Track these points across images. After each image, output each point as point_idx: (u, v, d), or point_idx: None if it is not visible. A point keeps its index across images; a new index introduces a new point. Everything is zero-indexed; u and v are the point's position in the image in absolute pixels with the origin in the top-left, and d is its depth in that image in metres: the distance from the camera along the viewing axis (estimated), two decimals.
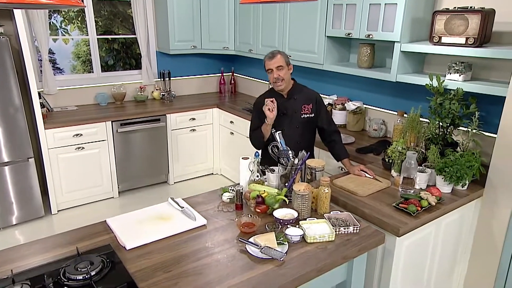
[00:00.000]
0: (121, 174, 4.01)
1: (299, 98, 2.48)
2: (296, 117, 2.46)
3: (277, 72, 2.33)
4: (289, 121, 2.44)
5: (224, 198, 2.01)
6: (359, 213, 2.01)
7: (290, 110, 2.45)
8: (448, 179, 2.15)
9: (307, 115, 2.48)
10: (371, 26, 2.84)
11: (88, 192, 3.83)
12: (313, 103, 2.50)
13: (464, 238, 2.40)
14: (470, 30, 2.32)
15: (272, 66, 2.33)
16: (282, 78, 2.35)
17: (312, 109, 2.50)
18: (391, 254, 1.91)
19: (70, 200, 3.73)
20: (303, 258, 1.55)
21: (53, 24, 4.70)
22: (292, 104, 2.46)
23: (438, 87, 2.42)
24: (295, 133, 2.45)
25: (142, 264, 1.46)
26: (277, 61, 2.33)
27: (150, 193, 4.19)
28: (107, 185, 3.93)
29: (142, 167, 4.15)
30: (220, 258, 1.53)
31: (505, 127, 2.17)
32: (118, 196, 4.05)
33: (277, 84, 2.37)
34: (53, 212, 3.65)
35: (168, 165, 4.32)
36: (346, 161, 2.48)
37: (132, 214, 1.81)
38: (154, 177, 4.34)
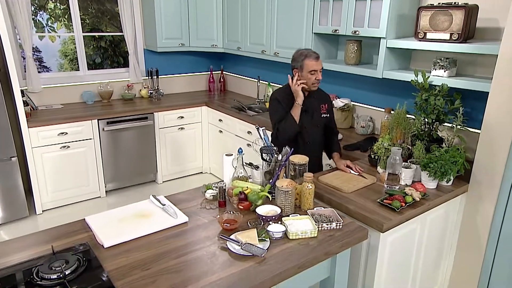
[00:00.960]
0: (108, 173, 3.96)
1: (317, 97, 2.47)
2: (317, 116, 2.46)
3: (319, 75, 2.31)
4: (310, 119, 2.42)
5: (207, 195, 1.98)
6: (344, 209, 2.00)
7: (311, 109, 2.43)
8: (432, 174, 2.15)
9: (325, 115, 2.50)
10: (358, 22, 2.83)
11: (74, 191, 3.77)
12: (328, 103, 2.52)
13: (449, 233, 2.41)
14: (454, 26, 2.32)
15: (317, 68, 2.29)
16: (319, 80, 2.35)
17: (327, 109, 2.51)
18: (376, 250, 1.91)
19: (55, 200, 3.68)
20: (284, 254, 1.53)
21: (39, 22, 4.64)
22: (312, 103, 2.44)
23: (423, 83, 2.42)
24: (317, 132, 2.46)
25: (119, 262, 1.43)
26: (320, 63, 2.32)
27: (138, 192, 4.14)
28: (94, 184, 3.88)
29: (130, 166, 4.10)
30: (200, 255, 1.51)
31: (488, 122, 2.18)
32: (105, 195, 4.00)
33: (314, 85, 2.35)
34: (38, 212, 3.59)
35: (156, 164, 4.28)
36: (336, 155, 2.47)
37: (112, 212, 1.78)
38: (142, 176, 4.29)
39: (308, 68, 2.29)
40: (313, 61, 2.29)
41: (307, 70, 2.30)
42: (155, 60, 4.60)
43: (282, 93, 2.47)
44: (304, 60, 2.30)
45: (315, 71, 2.30)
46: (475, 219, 2.34)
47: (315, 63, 2.29)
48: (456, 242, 2.46)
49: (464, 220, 2.40)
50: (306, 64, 2.29)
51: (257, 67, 4.47)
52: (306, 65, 2.30)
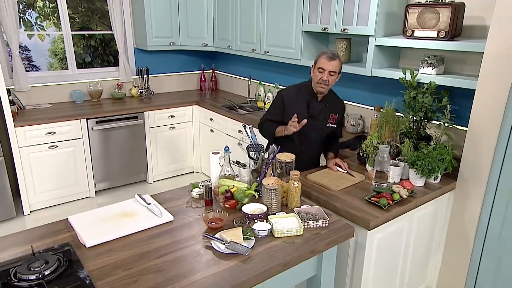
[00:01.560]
0: (98, 173, 3.92)
1: (330, 105, 2.40)
2: (322, 123, 2.39)
3: (328, 76, 2.23)
4: (315, 125, 2.35)
5: (194, 193, 1.96)
6: (331, 207, 1.99)
7: (319, 115, 2.37)
8: (420, 172, 2.15)
9: (331, 125, 2.43)
10: (346, 20, 2.82)
11: (63, 191, 3.73)
12: (339, 114, 2.46)
13: (438, 230, 2.41)
14: (441, 24, 2.32)
15: (326, 67, 2.21)
16: (328, 83, 2.25)
17: (336, 120, 2.44)
18: (363, 248, 1.90)
19: (43, 200, 3.64)
20: (269, 252, 1.52)
21: (28, 20, 4.58)
22: (322, 109, 2.37)
23: (411, 81, 2.42)
24: (317, 138, 2.40)
25: (101, 262, 1.41)
26: (333, 65, 2.21)
27: (129, 192, 4.11)
28: (83, 184, 3.85)
29: (120, 166, 4.07)
30: (184, 254, 1.49)
31: (475, 120, 2.19)
32: (95, 195, 3.97)
33: (320, 86, 2.26)
34: (26, 213, 3.54)
35: (147, 164, 4.25)
36: (329, 154, 2.46)
37: (96, 212, 1.76)
38: (133, 176, 4.26)
39: (319, 64, 2.23)
40: (325, 59, 2.21)
41: (318, 66, 2.24)
42: (146, 59, 4.56)
43: (293, 91, 2.39)
44: (319, 57, 2.24)
45: (323, 70, 2.22)
46: (462, 217, 2.35)
47: (326, 62, 2.20)
48: (445, 239, 2.47)
49: (452, 217, 2.40)
50: (319, 61, 2.23)
51: (248, 66, 4.46)
52: (318, 61, 2.24)
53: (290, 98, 2.37)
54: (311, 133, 2.34)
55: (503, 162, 2.12)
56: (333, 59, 2.21)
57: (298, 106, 2.35)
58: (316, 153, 2.52)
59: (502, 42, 1.99)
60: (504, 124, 2.07)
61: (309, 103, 2.36)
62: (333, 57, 2.21)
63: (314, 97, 2.37)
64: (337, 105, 2.46)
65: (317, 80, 2.27)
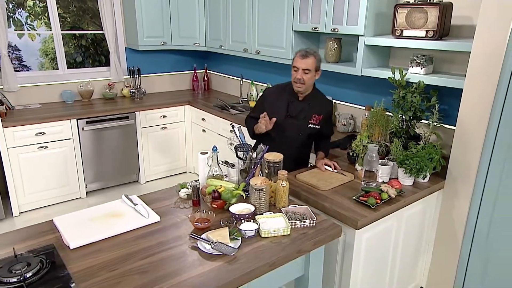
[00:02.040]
0: (89, 173, 3.90)
1: (313, 105, 2.37)
2: (302, 124, 2.36)
3: (302, 74, 2.21)
4: (294, 125, 2.34)
5: (182, 194, 1.95)
6: (320, 207, 1.99)
7: (299, 115, 2.35)
8: (408, 171, 2.15)
9: (313, 126, 2.39)
10: (336, 20, 2.83)
11: (53, 192, 3.70)
12: (324, 116, 2.41)
13: (427, 229, 2.42)
14: (429, 23, 2.33)
15: (299, 66, 2.20)
16: (304, 82, 2.24)
17: (320, 122, 2.41)
18: (351, 247, 1.90)
19: (33, 201, 3.60)
20: (256, 253, 1.51)
21: (18, 20, 4.54)
22: (303, 110, 2.35)
23: (400, 80, 2.43)
24: (296, 139, 2.37)
25: (85, 264, 1.40)
26: (307, 62, 2.20)
27: (120, 192, 4.03)
28: (74, 185, 3.82)
29: (112, 166, 4.04)
30: (170, 255, 1.48)
31: (462, 119, 2.20)
32: (86, 196, 3.94)
33: (296, 85, 2.26)
34: (15, 214, 3.51)
35: (138, 164, 4.22)
36: (319, 154, 2.45)
37: (82, 212, 1.74)
38: (124, 176, 4.24)
39: (293, 63, 2.24)
40: (298, 57, 2.21)
41: (292, 65, 2.25)
42: (137, 58, 4.54)
43: (276, 89, 2.41)
44: (295, 55, 2.26)
45: (297, 68, 2.22)
46: (451, 215, 2.35)
47: (299, 60, 2.20)
48: (434, 238, 2.48)
49: (441, 216, 2.41)
50: (294, 59, 2.24)
51: (241, 65, 4.45)
52: (294, 60, 2.25)
53: (271, 97, 2.38)
54: (289, 132, 2.32)
55: (490, 161, 2.13)
56: (306, 57, 2.20)
57: (278, 105, 2.35)
58: (297, 153, 2.45)
59: (488, 41, 2.00)
60: (491, 123, 2.08)
61: (290, 103, 2.36)
62: (306, 55, 2.20)
63: (295, 97, 2.37)
64: (321, 106, 2.43)
65: (293, 79, 2.27)
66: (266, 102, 2.38)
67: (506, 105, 2.01)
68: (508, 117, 2.02)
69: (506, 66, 1.97)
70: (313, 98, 2.39)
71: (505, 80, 1.99)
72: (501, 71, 1.99)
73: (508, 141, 2.04)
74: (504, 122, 2.03)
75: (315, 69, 2.26)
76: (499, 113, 2.05)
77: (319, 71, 2.30)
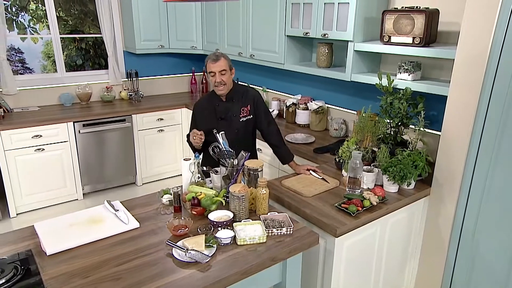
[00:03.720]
0: (86, 175, 3.94)
1: (237, 100, 2.43)
2: (235, 121, 2.41)
3: (220, 77, 2.27)
4: (228, 125, 2.39)
5: (164, 200, 1.97)
6: (301, 213, 1.99)
7: (229, 114, 2.40)
8: (392, 178, 2.15)
9: (245, 118, 2.44)
10: (327, 25, 2.83)
11: (50, 194, 3.75)
12: (251, 104, 2.45)
13: (414, 236, 2.41)
14: (416, 30, 2.32)
15: (215, 70, 2.25)
16: (225, 83, 2.29)
17: (250, 111, 2.45)
18: (331, 254, 1.90)
19: (30, 203, 3.66)
20: (229, 260, 1.52)
21: (21, 23, 4.61)
22: (230, 108, 2.41)
23: (388, 86, 2.42)
24: (234, 137, 2.38)
25: (60, 270, 1.42)
26: (220, 64, 2.26)
27: (117, 194, 4.12)
28: (71, 187, 3.86)
29: (108, 169, 4.08)
30: (144, 262, 1.50)
31: (447, 125, 2.19)
32: (82, 198, 3.99)
33: (219, 88, 2.32)
34: (12, 216, 3.57)
35: (135, 166, 4.26)
36: (292, 163, 2.46)
37: (63, 218, 1.77)
38: (121, 179, 4.28)
39: (208, 69, 2.29)
40: (211, 62, 2.27)
41: (208, 71, 2.30)
42: (135, 61, 4.58)
43: (199, 105, 2.47)
44: (206, 62, 2.31)
45: (214, 73, 2.27)
46: (437, 222, 2.34)
47: (212, 64, 2.26)
48: (421, 244, 2.47)
49: (427, 223, 2.40)
50: (207, 66, 2.29)
51: (237, 69, 4.45)
52: (207, 66, 2.30)
53: (198, 110, 2.45)
54: (227, 135, 2.32)
55: (475, 166, 2.11)
56: (217, 60, 2.27)
57: (206, 113, 2.42)
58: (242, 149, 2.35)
59: (471, 49, 1.98)
60: (475, 129, 2.06)
61: (216, 107, 2.41)
62: (217, 58, 2.27)
63: (219, 99, 2.43)
64: (246, 97, 2.46)
65: (214, 85, 2.33)
66: (196, 117, 2.45)
67: (489, 111, 2.00)
68: (491, 123, 2.00)
69: (489, 72, 1.95)
70: (235, 93, 2.43)
71: (488, 86, 1.97)
72: (484, 77, 1.97)
73: (492, 146, 2.03)
74: (488, 127, 2.02)
75: (229, 68, 2.34)
76: (482, 119, 2.03)
77: (233, 69, 2.39)
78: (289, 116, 3.64)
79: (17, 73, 4.90)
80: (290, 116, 3.63)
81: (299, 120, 3.52)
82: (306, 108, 3.46)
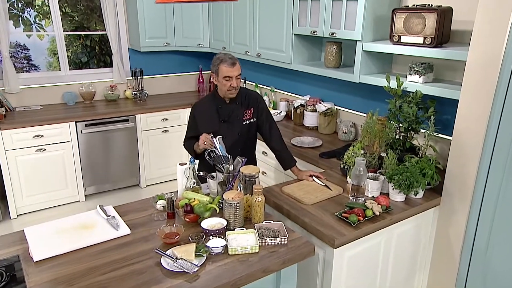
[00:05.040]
0: (88, 177, 4.03)
1: (241, 103, 2.45)
2: (237, 124, 2.43)
3: (237, 81, 2.28)
4: (230, 128, 2.41)
5: (158, 206, 2.01)
6: (300, 222, 2.00)
7: (232, 117, 2.42)
8: (397, 187, 2.13)
9: (248, 121, 2.46)
10: (334, 24, 2.82)
11: (52, 195, 3.85)
12: (254, 107, 2.48)
13: (423, 248, 2.38)
14: (427, 29, 2.30)
15: (233, 74, 2.25)
16: (238, 87, 2.32)
17: (253, 114, 2.48)
18: (330, 266, 1.90)
19: (31, 204, 3.76)
20: (219, 271, 1.54)
21: (27, 19, 4.74)
22: (233, 110, 2.43)
23: (397, 89, 2.40)
24: (236, 140, 2.41)
25: (45, 278, 1.47)
26: (237, 69, 2.27)
27: (120, 197, 4.19)
28: (72, 188, 3.95)
29: (111, 170, 4.16)
30: (132, 271, 1.53)
31: (458, 131, 2.15)
32: (84, 200, 4.07)
33: (231, 92, 2.32)
34: (12, 217, 3.68)
35: (139, 168, 4.33)
36: (294, 169, 2.47)
37: (54, 223, 1.82)
38: (125, 180, 4.35)
39: (223, 73, 2.27)
40: (228, 67, 2.25)
41: (222, 75, 2.28)
42: (141, 59, 4.65)
43: (200, 107, 2.48)
44: (219, 65, 2.27)
45: (230, 77, 2.26)
46: (447, 234, 2.31)
47: (231, 69, 2.25)
48: (431, 257, 2.44)
49: (437, 235, 2.37)
50: (221, 70, 2.27)
51: (244, 67, 4.46)
52: (221, 70, 2.27)
53: (199, 111, 2.46)
54: (228, 137, 2.36)
55: (488, 175, 2.08)
56: (235, 64, 2.27)
57: (208, 115, 2.42)
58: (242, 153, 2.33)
59: (484, 50, 1.95)
60: (488, 136, 2.03)
61: (219, 109, 2.42)
62: (234, 62, 2.27)
63: (222, 101, 2.43)
64: (248, 100, 2.47)
65: (227, 89, 2.31)
66: (196, 119, 2.46)
67: (503, 116, 1.96)
68: (506, 129, 1.96)
69: (503, 75, 1.92)
70: (238, 96, 2.44)
71: (502, 89, 1.94)
72: (498, 80, 1.94)
73: (506, 153, 1.99)
74: (502, 134, 1.98)
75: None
76: (496, 124, 2.00)
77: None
78: (297, 118, 3.64)
79: (22, 70, 5.04)
80: (298, 118, 3.64)
81: (307, 122, 3.52)
82: (315, 109, 3.46)
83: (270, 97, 4.10)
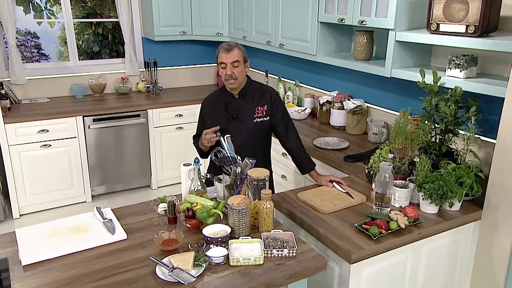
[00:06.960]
0: (96, 176, 4.15)
1: (252, 98, 2.46)
2: (247, 121, 2.44)
3: (232, 69, 2.31)
4: (238, 125, 2.42)
5: (159, 209, 2.05)
6: (314, 232, 1.99)
7: (241, 113, 2.44)
8: (427, 197, 2.07)
9: (260, 119, 2.46)
10: (365, 10, 2.78)
11: (56, 195, 3.99)
12: (268, 104, 2.48)
13: (460, 268, 2.31)
14: (470, 16, 2.22)
15: (227, 61, 2.30)
16: (236, 77, 2.33)
17: (267, 112, 2.47)
18: (346, 283, 1.88)
19: (35, 204, 3.92)
20: (217, 283, 1.56)
21: (37, 5, 4.94)
22: (243, 106, 2.44)
23: (432, 85, 2.34)
24: (245, 139, 2.42)
25: (32, 283, 1.53)
26: (233, 55, 2.30)
27: (130, 198, 4.27)
28: (79, 188, 4.08)
29: (121, 169, 4.27)
30: (124, 279, 1.57)
31: (503, 134, 2.07)
32: (91, 200, 4.20)
33: (229, 82, 2.36)
34: (15, 217, 3.84)
35: (150, 167, 4.42)
36: (312, 173, 2.45)
37: (47, 225, 1.89)
38: (135, 181, 4.45)
39: (218, 60, 2.34)
40: (222, 53, 2.30)
41: (219, 62, 2.34)
42: (155, 49, 4.73)
43: (208, 102, 2.52)
44: (218, 53, 2.34)
45: (225, 64, 2.30)
46: (490, 253, 2.23)
47: (224, 54, 2.29)
48: (470, 280, 2.36)
49: (477, 253, 2.29)
50: (218, 56, 2.33)
51: (266, 59, 4.49)
52: (218, 57, 2.34)
53: (206, 107, 2.50)
54: (237, 135, 2.35)
55: None
56: (230, 49, 2.30)
57: (216, 111, 2.44)
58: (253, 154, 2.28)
59: None
60: None
61: (227, 104, 2.43)
62: (230, 48, 2.30)
63: (231, 95, 2.44)
64: (261, 96, 2.48)
65: (224, 78, 2.34)
66: (203, 115, 2.50)
67: None
68: None
69: None
70: (250, 90, 2.46)
71: None
72: None
73: None
74: None
75: (244, 60, 2.37)
76: None
77: (247, 62, 2.43)
78: (323, 116, 3.61)
79: (31, 60, 5.25)
80: (324, 116, 3.61)
81: (334, 121, 3.49)
82: (342, 107, 3.42)
83: (294, 92, 4.09)
